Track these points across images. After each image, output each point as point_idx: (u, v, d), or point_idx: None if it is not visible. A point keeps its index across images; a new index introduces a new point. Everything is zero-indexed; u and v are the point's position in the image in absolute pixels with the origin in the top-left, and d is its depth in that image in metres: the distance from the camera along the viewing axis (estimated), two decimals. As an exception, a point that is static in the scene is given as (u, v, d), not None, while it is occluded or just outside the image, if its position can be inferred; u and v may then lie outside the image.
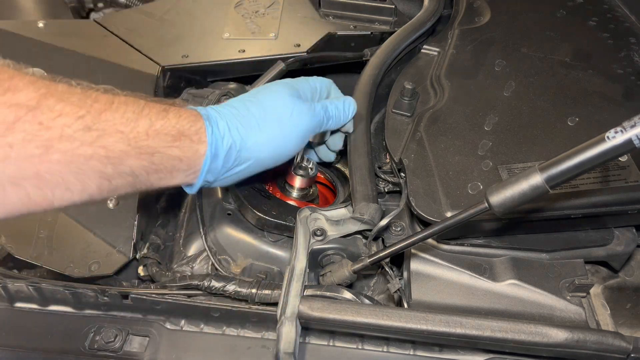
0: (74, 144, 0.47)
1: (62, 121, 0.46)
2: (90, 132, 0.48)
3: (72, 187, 0.49)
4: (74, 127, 0.47)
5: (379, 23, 1.06)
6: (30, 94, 0.45)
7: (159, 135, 0.54)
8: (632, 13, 0.95)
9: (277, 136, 0.64)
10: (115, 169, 0.51)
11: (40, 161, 0.46)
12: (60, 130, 0.46)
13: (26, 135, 0.44)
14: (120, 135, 0.50)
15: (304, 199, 0.84)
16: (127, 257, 0.73)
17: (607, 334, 0.56)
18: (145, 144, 0.53)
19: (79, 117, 0.48)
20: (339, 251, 0.69)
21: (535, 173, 0.51)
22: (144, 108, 0.53)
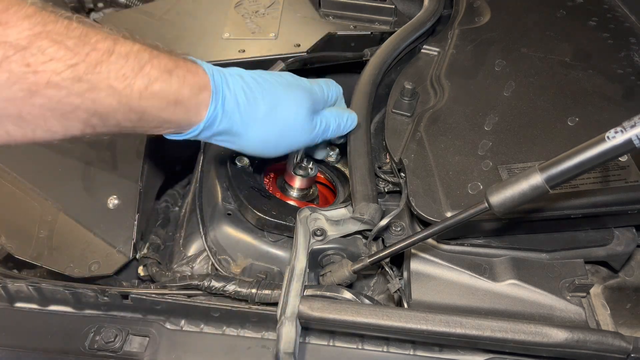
0: (61, 92, 0.45)
1: (52, 66, 0.44)
2: (80, 83, 0.45)
3: (53, 129, 0.47)
4: (63, 75, 0.44)
5: (379, 23, 1.06)
6: (22, 32, 0.42)
7: (154, 98, 0.51)
8: (632, 13, 0.95)
9: (270, 142, 0.64)
10: (102, 121, 0.49)
11: (23, 104, 0.44)
12: (49, 76, 0.44)
13: (11, 77, 0.42)
14: (111, 90, 0.47)
15: (304, 199, 0.84)
16: (127, 257, 0.73)
17: (607, 334, 0.56)
18: (137, 104, 0.50)
19: (70, 65, 0.45)
20: (339, 251, 0.69)
21: (535, 173, 0.51)
22: (145, 65, 0.50)
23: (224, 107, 0.58)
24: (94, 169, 0.80)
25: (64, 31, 0.45)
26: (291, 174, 0.82)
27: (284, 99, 0.64)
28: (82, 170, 0.79)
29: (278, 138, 0.65)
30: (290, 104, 0.64)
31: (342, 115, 0.73)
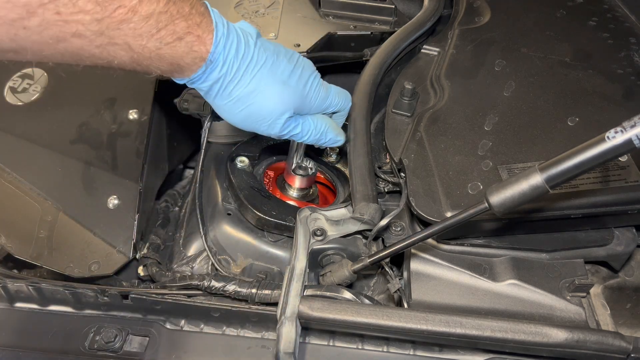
0: (84, 41, 0.49)
1: (80, 18, 0.47)
2: (102, 37, 0.49)
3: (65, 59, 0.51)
4: (89, 27, 0.48)
5: (379, 23, 1.06)
6: None
7: (160, 60, 0.55)
8: (632, 13, 0.95)
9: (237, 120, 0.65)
10: (108, 63, 0.53)
11: (48, 48, 0.48)
12: (76, 27, 0.47)
13: (43, 23, 0.45)
14: (127, 47, 0.52)
15: (304, 199, 0.84)
16: (127, 257, 0.73)
17: (607, 334, 0.56)
18: (145, 62, 0.55)
19: (97, 19, 0.48)
20: (339, 251, 0.69)
21: (535, 173, 0.51)
22: (161, 29, 0.53)
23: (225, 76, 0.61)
24: (94, 169, 0.80)
25: None
26: (291, 173, 0.82)
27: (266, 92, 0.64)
28: (82, 170, 0.79)
29: (243, 121, 0.65)
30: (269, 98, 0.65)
31: (326, 132, 0.72)
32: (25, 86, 0.86)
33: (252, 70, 0.63)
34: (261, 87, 0.63)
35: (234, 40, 0.61)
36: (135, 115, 0.84)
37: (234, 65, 0.61)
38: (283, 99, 0.65)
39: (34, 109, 0.84)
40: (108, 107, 0.85)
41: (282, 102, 0.65)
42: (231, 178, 0.79)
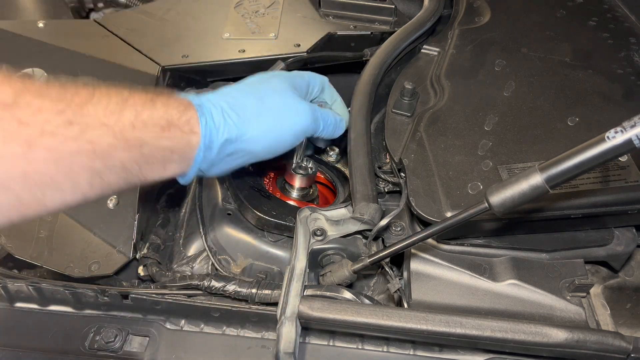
0: (57, 139, 0.45)
1: (41, 117, 0.44)
2: (72, 127, 0.46)
3: (62, 186, 0.47)
4: (54, 122, 0.45)
5: (379, 23, 1.06)
6: (5, 91, 0.43)
7: (147, 127, 0.51)
8: (632, 13, 0.95)
9: (274, 131, 0.64)
10: (105, 164, 0.49)
11: (25, 160, 0.44)
12: (41, 126, 0.44)
13: (5, 134, 0.42)
14: (104, 128, 0.48)
15: (304, 199, 0.84)
16: (127, 257, 0.73)
17: (607, 334, 0.56)
18: (133, 135, 0.50)
19: (59, 111, 0.45)
20: (339, 251, 0.69)
21: (535, 173, 0.51)
22: (127, 99, 0.51)
23: (213, 117, 0.59)
24: (94, 169, 0.80)
25: (44, 86, 0.46)
26: (291, 173, 0.82)
27: (266, 85, 0.66)
28: (82, 170, 0.79)
29: (280, 124, 0.64)
30: (270, 83, 0.66)
31: (335, 115, 0.74)
32: (25, 86, 0.86)
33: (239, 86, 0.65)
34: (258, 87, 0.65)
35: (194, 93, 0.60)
36: (135, 115, 0.84)
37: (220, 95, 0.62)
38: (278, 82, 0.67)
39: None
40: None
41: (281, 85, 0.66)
42: (231, 178, 0.79)
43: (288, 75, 0.70)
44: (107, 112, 0.49)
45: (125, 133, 0.50)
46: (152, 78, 0.90)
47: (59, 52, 0.93)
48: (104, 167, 0.49)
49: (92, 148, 0.47)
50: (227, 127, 0.59)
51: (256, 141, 0.63)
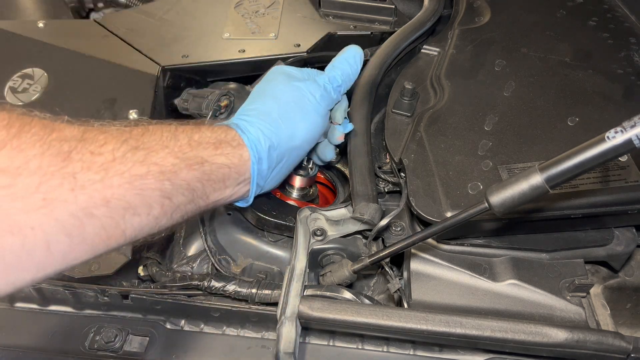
0: (127, 164, 0.49)
1: (109, 147, 0.48)
2: (138, 152, 0.50)
3: (139, 210, 0.50)
4: (122, 149, 0.49)
5: (379, 23, 1.06)
6: (72, 131, 0.47)
7: (201, 145, 0.56)
8: (632, 13, 0.95)
9: (301, 122, 0.66)
10: (173, 185, 0.52)
11: (103, 186, 0.46)
12: (112, 154, 0.48)
13: (83, 164, 0.46)
14: (166, 150, 0.53)
15: (304, 199, 0.84)
16: (127, 257, 0.73)
17: (607, 334, 0.56)
18: (192, 154, 0.55)
19: (123, 141, 0.50)
20: (339, 251, 0.69)
21: (535, 173, 0.51)
22: (177, 128, 0.56)
23: (250, 132, 0.62)
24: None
25: (102, 126, 0.51)
26: (291, 173, 0.82)
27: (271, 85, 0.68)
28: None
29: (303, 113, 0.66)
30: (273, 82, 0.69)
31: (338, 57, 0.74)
32: (26, 86, 0.86)
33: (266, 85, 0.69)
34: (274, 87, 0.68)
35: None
36: (135, 115, 0.84)
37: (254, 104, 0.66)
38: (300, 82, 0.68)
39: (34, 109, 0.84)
40: (108, 107, 0.85)
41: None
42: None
43: (279, 68, 0.72)
44: (164, 138, 0.54)
45: (185, 152, 0.54)
46: (152, 78, 0.90)
47: (59, 52, 0.93)
48: (172, 187, 0.52)
49: (159, 169, 0.51)
50: (264, 136, 0.62)
51: (293, 136, 0.65)
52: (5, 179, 0.41)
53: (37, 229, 0.42)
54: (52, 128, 0.46)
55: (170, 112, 0.92)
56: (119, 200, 0.48)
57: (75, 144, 0.46)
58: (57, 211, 0.43)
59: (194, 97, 0.87)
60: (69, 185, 0.44)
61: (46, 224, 0.43)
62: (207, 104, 0.84)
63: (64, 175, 0.44)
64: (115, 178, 0.47)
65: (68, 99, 0.85)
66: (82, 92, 0.87)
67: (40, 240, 0.43)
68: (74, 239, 0.45)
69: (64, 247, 0.45)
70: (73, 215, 0.44)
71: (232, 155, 0.59)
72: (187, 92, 0.89)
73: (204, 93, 0.87)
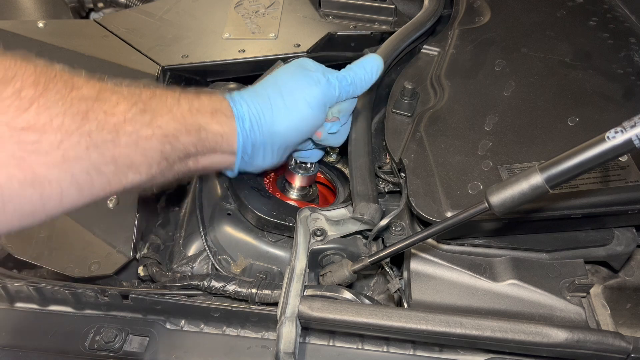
0: (135, 126, 0.52)
1: (121, 108, 0.52)
2: (146, 114, 0.54)
3: (140, 168, 0.54)
4: (132, 111, 0.53)
5: (379, 23, 1.06)
6: (89, 89, 0.50)
7: (200, 112, 0.60)
8: (632, 13, 0.95)
9: (287, 108, 0.67)
10: (172, 147, 0.57)
11: (114, 145, 0.50)
12: (123, 115, 0.52)
13: (98, 124, 0.49)
14: (170, 115, 0.57)
15: (304, 198, 0.84)
16: (127, 257, 0.73)
17: (607, 334, 0.56)
18: (191, 120, 0.59)
19: (133, 103, 0.53)
20: (339, 251, 0.69)
21: (535, 173, 0.51)
22: (180, 94, 0.60)
23: (241, 105, 0.65)
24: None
25: (115, 85, 0.55)
26: (291, 172, 0.82)
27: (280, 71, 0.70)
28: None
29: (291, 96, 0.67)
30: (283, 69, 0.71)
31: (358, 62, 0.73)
32: (25, 86, 0.86)
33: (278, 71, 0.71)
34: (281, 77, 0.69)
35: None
36: (135, 115, 0.84)
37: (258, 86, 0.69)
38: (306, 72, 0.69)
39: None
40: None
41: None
42: (231, 178, 0.79)
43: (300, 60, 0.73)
44: (169, 103, 0.58)
45: (186, 118, 0.58)
46: (152, 78, 0.90)
47: (59, 52, 0.93)
48: (171, 150, 0.57)
49: (163, 132, 0.55)
50: (250, 112, 0.65)
51: (275, 121, 0.66)
52: (33, 135, 0.44)
53: (54, 183, 0.47)
54: (72, 85, 0.49)
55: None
56: (125, 158, 0.52)
57: (92, 103, 0.49)
58: (73, 168, 0.48)
59: (194, 97, 0.87)
60: (85, 143, 0.48)
61: (63, 179, 0.47)
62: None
63: (82, 134, 0.48)
64: (124, 138, 0.51)
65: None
66: (82, 92, 0.87)
67: (56, 193, 0.47)
68: (83, 192, 0.50)
69: (73, 198, 0.49)
70: (86, 172, 0.49)
71: (224, 124, 0.63)
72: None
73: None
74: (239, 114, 0.64)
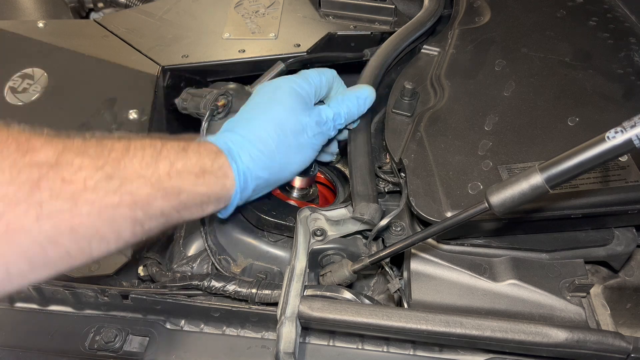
0: (99, 194, 0.48)
1: (83, 174, 0.47)
2: (112, 181, 0.49)
3: (107, 237, 0.49)
4: (95, 178, 0.48)
5: (379, 23, 1.06)
6: (49, 153, 0.46)
7: (182, 175, 0.54)
8: (632, 13, 0.95)
9: (296, 155, 0.67)
10: (145, 213, 0.51)
11: (71, 215, 0.46)
12: (83, 183, 0.47)
13: (52, 193, 0.45)
14: (142, 180, 0.51)
15: (304, 199, 0.84)
16: (127, 257, 0.73)
17: (607, 334, 0.56)
18: (170, 184, 0.53)
19: (98, 168, 0.48)
20: (339, 251, 0.69)
21: (535, 173, 0.51)
22: (161, 150, 0.54)
23: (243, 161, 0.61)
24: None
25: (82, 144, 0.49)
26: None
27: (279, 108, 0.66)
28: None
29: (300, 151, 0.67)
30: (283, 105, 0.67)
31: (352, 94, 0.73)
32: (25, 86, 0.86)
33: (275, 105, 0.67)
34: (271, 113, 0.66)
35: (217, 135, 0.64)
36: (135, 115, 0.84)
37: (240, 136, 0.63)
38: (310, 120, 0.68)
39: (34, 109, 0.84)
40: (108, 107, 0.85)
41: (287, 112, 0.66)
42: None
43: (295, 86, 0.69)
44: (143, 165, 0.52)
45: (163, 183, 0.52)
46: (152, 78, 0.90)
47: (59, 52, 0.93)
48: (145, 216, 0.51)
49: (133, 199, 0.50)
50: (256, 166, 0.62)
51: (284, 169, 0.66)
52: None
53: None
54: (26, 148, 0.45)
55: (170, 112, 0.92)
56: (87, 228, 0.47)
57: (47, 170, 0.45)
58: (19, 239, 0.43)
59: (193, 97, 0.87)
60: (34, 214, 0.44)
61: (7, 250, 0.43)
62: (205, 104, 0.83)
63: (30, 204, 0.43)
64: (85, 207, 0.47)
65: (68, 99, 0.85)
66: (82, 92, 0.87)
67: (0, 266, 0.43)
68: (35, 263, 0.46)
69: (23, 270, 0.45)
70: (36, 243, 0.44)
71: (214, 185, 0.58)
72: (186, 92, 0.89)
73: (203, 92, 0.87)
74: (241, 173, 0.60)
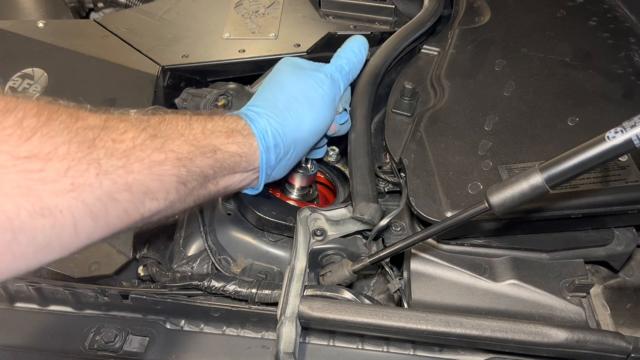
0: (146, 151, 0.51)
1: (130, 135, 0.50)
2: (156, 139, 0.52)
3: (157, 194, 0.52)
4: (141, 137, 0.51)
5: (379, 23, 1.06)
6: (95, 120, 0.49)
7: (214, 134, 0.58)
8: (632, 13, 0.95)
9: (308, 112, 0.67)
10: (188, 171, 0.55)
11: (125, 172, 0.49)
12: (131, 142, 0.50)
13: (107, 151, 0.48)
14: (182, 138, 0.55)
15: (304, 198, 0.84)
16: (127, 257, 0.73)
17: (607, 334, 0.56)
18: (205, 142, 0.57)
19: (142, 129, 0.52)
20: (339, 251, 0.69)
21: (535, 173, 0.51)
22: (191, 117, 0.59)
23: (259, 121, 0.64)
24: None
25: (122, 114, 0.53)
26: (291, 172, 0.82)
27: (281, 75, 0.70)
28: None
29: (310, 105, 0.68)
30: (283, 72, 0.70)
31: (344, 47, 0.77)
32: (25, 86, 0.86)
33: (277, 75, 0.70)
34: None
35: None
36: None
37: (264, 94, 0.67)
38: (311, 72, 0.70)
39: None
40: (108, 107, 0.85)
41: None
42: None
43: (291, 59, 0.74)
44: (179, 127, 0.56)
45: (200, 141, 0.57)
46: (152, 78, 0.90)
47: (59, 52, 0.93)
48: (187, 173, 0.55)
49: (176, 156, 0.54)
50: (271, 127, 0.64)
51: (299, 127, 0.66)
52: (37, 163, 0.43)
53: (66, 212, 0.44)
54: (77, 116, 0.48)
55: (170, 112, 0.92)
56: (139, 185, 0.50)
57: (99, 131, 0.48)
58: (84, 195, 0.45)
59: (193, 97, 0.87)
60: (94, 171, 0.46)
61: (74, 207, 0.45)
62: (205, 104, 0.84)
63: (90, 161, 0.46)
64: (136, 164, 0.49)
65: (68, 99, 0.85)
66: (82, 92, 0.87)
67: (69, 223, 0.45)
68: (99, 221, 0.48)
69: (89, 229, 0.47)
70: (99, 199, 0.46)
71: (242, 144, 0.61)
72: (186, 92, 0.89)
73: (203, 92, 0.88)
74: (260, 132, 0.63)
